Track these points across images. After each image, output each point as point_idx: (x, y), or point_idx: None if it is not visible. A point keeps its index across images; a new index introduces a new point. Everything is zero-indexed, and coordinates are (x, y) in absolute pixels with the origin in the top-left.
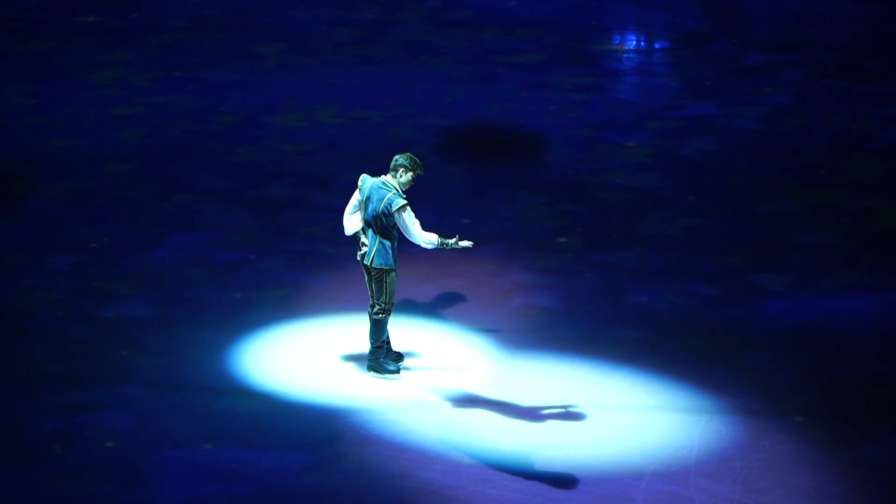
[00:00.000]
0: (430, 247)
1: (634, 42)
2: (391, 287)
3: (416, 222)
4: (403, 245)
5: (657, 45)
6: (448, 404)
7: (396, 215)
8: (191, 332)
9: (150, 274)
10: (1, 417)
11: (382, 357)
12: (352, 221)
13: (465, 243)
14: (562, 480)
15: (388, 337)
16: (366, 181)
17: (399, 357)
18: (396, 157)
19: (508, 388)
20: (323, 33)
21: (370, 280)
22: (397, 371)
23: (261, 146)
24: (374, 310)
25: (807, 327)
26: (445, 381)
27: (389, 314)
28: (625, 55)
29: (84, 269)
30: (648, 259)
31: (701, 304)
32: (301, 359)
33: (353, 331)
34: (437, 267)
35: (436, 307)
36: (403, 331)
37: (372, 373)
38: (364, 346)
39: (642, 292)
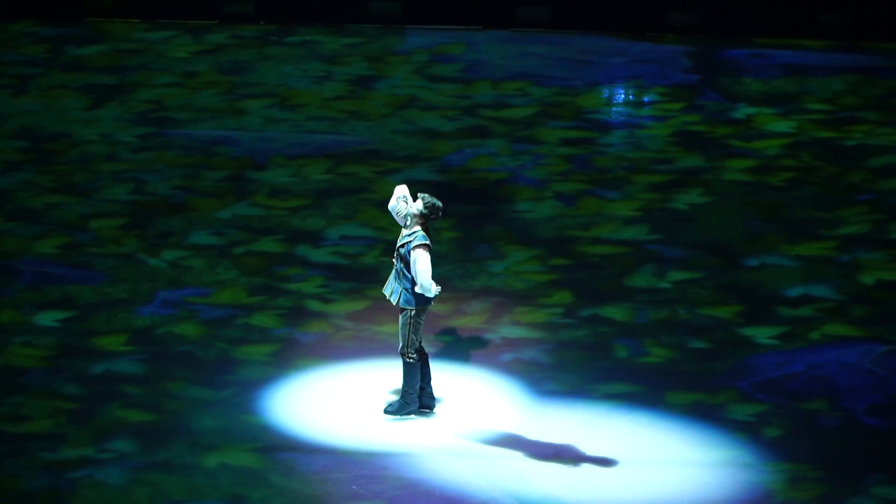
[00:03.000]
0: (429, 295)
1: (623, 96)
2: (417, 328)
3: (429, 267)
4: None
5: (646, 99)
6: (441, 453)
7: (413, 252)
8: (181, 388)
9: (139, 330)
10: None
11: (411, 401)
12: None
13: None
14: None
15: (425, 381)
16: None
17: (430, 401)
18: (423, 195)
19: (496, 441)
20: (311, 88)
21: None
22: (424, 412)
23: (250, 202)
24: (404, 357)
25: (796, 379)
26: (442, 430)
27: (414, 358)
28: (613, 109)
29: (74, 325)
30: (638, 313)
31: (690, 357)
32: (292, 415)
33: (344, 386)
34: (428, 321)
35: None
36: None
37: (389, 415)
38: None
39: (632, 346)
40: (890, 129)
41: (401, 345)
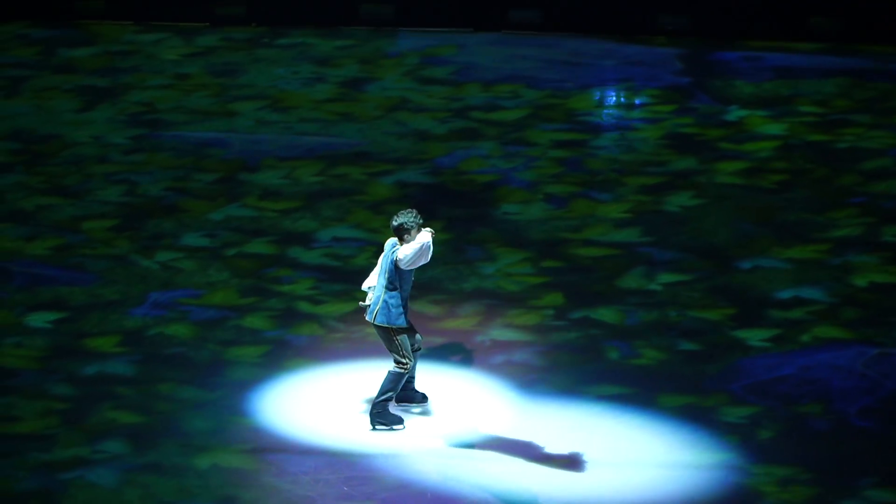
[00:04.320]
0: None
1: (614, 98)
2: (403, 343)
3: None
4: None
5: (637, 101)
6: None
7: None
8: (173, 389)
9: (131, 331)
10: None
11: (389, 409)
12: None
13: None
14: None
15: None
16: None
17: (424, 398)
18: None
19: (487, 442)
20: (302, 90)
21: (381, 337)
22: (401, 422)
23: (241, 203)
24: (394, 364)
25: (788, 382)
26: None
27: (406, 369)
28: (605, 111)
29: (66, 326)
30: (629, 315)
31: (682, 360)
32: (284, 415)
33: (335, 387)
34: (419, 323)
35: (419, 362)
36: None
37: (378, 426)
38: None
39: (623, 348)
40: (881, 132)
41: (395, 360)
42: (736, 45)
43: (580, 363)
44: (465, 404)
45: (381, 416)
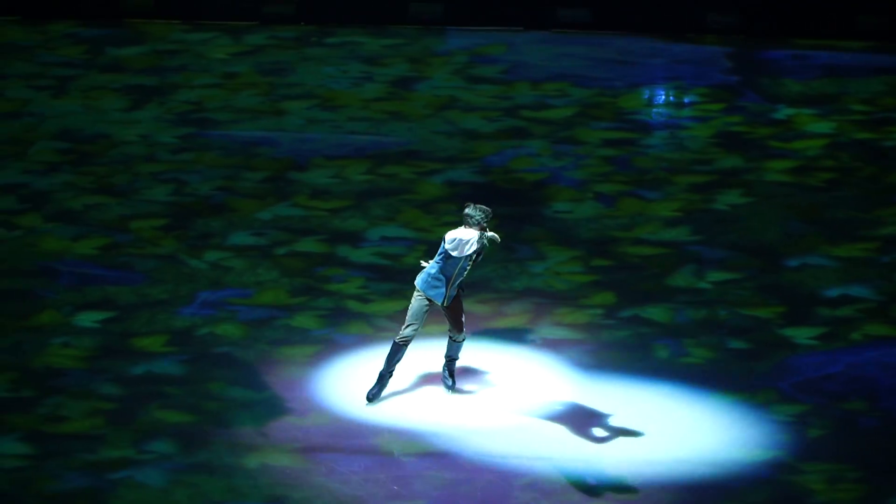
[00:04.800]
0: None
1: (663, 96)
2: (410, 308)
3: None
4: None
5: (686, 100)
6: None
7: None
8: (221, 388)
9: (179, 331)
10: (32, 474)
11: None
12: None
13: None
14: None
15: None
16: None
17: (450, 387)
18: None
19: (540, 438)
20: (351, 89)
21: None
22: (370, 400)
23: (290, 202)
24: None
25: (837, 380)
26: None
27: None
28: (654, 110)
29: (114, 325)
30: (679, 313)
31: (731, 358)
32: (334, 416)
33: (383, 385)
34: (469, 322)
35: (467, 361)
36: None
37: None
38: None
39: (673, 346)
40: None
41: (462, 333)
42: (784, 44)
43: (630, 361)
44: (515, 401)
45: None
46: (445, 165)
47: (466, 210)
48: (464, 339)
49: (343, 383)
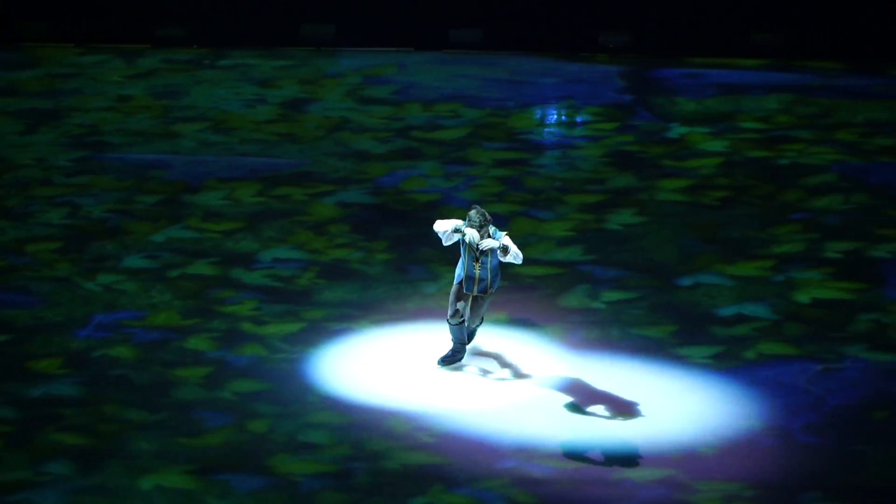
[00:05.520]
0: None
1: (555, 116)
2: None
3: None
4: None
5: (578, 119)
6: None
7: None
8: (117, 410)
9: (75, 353)
10: None
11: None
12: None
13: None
14: None
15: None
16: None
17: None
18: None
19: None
20: (244, 111)
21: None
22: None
23: (184, 225)
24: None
25: (731, 399)
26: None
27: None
28: (546, 129)
29: (10, 348)
30: (572, 333)
31: (625, 377)
32: (228, 437)
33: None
34: (361, 343)
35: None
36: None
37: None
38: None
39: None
40: (823, 147)
41: (478, 321)
42: (678, 62)
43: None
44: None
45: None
46: (337, 187)
47: (471, 211)
48: (477, 326)
49: (238, 405)
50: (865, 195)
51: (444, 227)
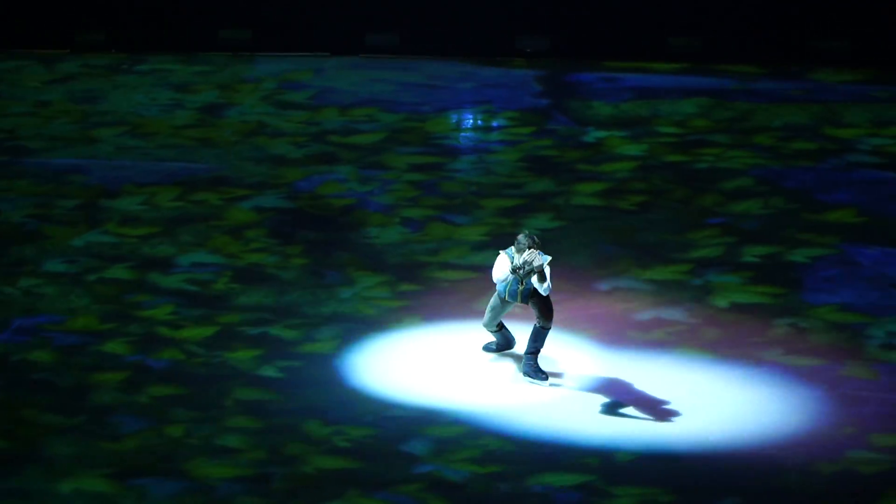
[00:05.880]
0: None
1: (472, 120)
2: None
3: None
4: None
5: (495, 124)
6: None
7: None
8: (35, 414)
9: None
10: None
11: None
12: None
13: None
14: None
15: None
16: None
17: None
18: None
19: None
20: (161, 116)
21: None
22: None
23: (102, 230)
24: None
25: (649, 403)
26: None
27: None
28: (462, 134)
29: None
30: (488, 336)
31: (540, 381)
32: (146, 441)
33: (202, 409)
34: (277, 346)
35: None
36: None
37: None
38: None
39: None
40: (741, 151)
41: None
42: (595, 67)
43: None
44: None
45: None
46: (254, 192)
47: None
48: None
49: (155, 409)
50: (783, 199)
51: (501, 276)
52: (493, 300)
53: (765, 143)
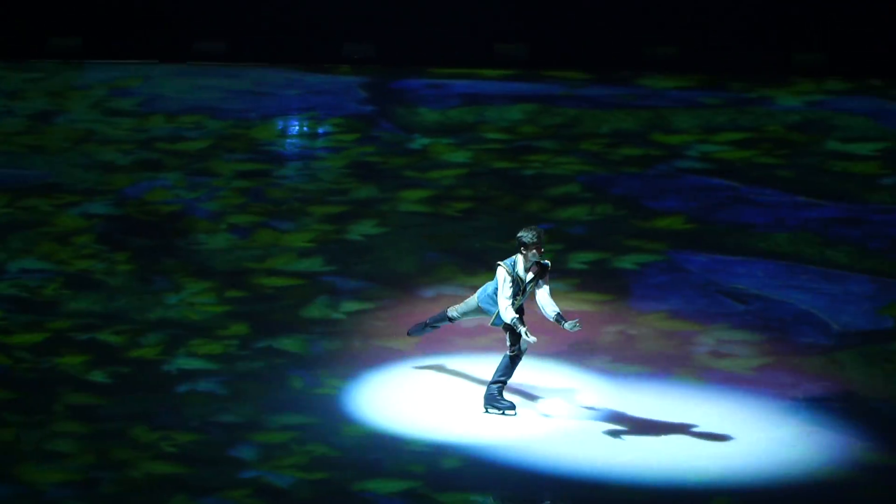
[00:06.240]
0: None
1: (297, 127)
2: None
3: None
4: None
5: (320, 130)
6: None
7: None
8: None
9: None
10: None
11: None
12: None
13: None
14: None
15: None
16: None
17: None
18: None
19: None
20: None
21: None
22: (513, 407)
23: None
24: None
25: (476, 412)
26: None
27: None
28: (287, 141)
29: None
30: (313, 344)
31: (372, 388)
32: None
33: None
34: (105, 352)
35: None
36: None
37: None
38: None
39: (307, 378)
40: (567, 158)
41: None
42: (421, 73)
43: (265, 392)
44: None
45: (492, 400)
46: (83, 198)
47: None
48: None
49: None
50: (611, 206)
51: (508, 317)
52: (471, 303)
53: (592, 150)
